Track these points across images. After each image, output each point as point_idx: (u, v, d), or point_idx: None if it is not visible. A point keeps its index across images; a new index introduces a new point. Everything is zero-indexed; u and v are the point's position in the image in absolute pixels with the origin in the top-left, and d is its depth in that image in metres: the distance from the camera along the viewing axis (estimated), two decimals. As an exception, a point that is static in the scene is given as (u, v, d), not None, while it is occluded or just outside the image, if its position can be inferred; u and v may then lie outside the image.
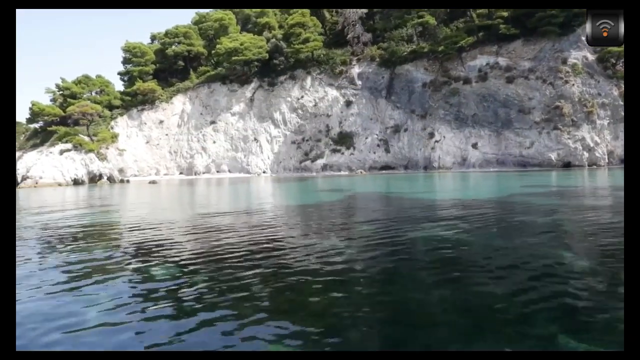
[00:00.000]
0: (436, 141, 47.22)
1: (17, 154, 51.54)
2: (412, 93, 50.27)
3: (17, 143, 54.03)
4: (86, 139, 45.48)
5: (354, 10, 53.55)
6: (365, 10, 53.77)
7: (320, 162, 50.82)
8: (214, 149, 52.91)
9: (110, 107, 52.44)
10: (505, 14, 45.59)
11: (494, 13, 47.20)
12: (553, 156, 41.75)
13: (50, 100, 54.09)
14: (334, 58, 53.25)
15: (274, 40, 53.47)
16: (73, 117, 45.47)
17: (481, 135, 46.26)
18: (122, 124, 51.75)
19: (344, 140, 51.10)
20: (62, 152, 42.48)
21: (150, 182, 38.39)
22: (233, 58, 50.79)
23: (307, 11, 53.70)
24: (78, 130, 46.85)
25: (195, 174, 51.95)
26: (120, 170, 46.93)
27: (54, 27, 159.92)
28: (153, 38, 64.69)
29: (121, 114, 52.19)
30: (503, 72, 45.95)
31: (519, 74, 45.33)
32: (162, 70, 57.60)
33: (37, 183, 39.22)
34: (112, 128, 50.59)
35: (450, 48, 46.54)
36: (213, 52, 53.92)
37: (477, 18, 49.50)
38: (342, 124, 52.31)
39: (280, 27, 57.70)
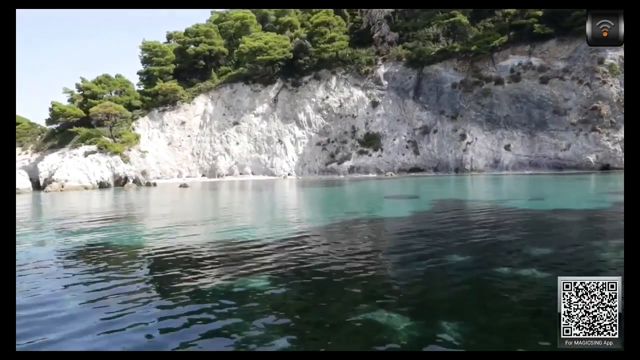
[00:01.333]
0: (468, 143, 46.23)
1: (35, 155, 50.21)
2: (440, 93, 49.25)
3: (34, 144, 52.72)
4: (109, 140, 44.10)
5: (380, 9, 52.43)
6: (391, 10, 52.70)
7: (347, 164, 49.69)
8: (237, 150, 51.66)
9: (130, 108, 51.03)
10: (540, 12, 44.61)
11: (527, 12, 46.22)
12: (592, 158, 40.85)
13: (68, 101, 52.68)
14: (359, 58, 52.11)
15: (298, 39, 52.27)
16: (96, 118, 44.05)
17: (514, 137, 45.36)
18: (144, 125, 50.38)
19: (371, 141, 50.00)
20: (86, 154, 41.07)
21: (181, 186, 37.06)
22: (257, 58, 49.56)
23: (331, 10, 52.56)
24: (100, 132, 45.45)
25: (218, 176, 50.68)
26: (143, 173, 45.54)
27: (57, 26, 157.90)
28: (169, 37, 63.29)
29: (142, 115, 50.81)
30: (537, 73, 45.05)
31: (553, 74, 44.45)
32: (182, 70, 56.29)
33: (62, 187, 37.81)
34: (133, 129, 49.21)
35: (484, 48, 45.60)
36: (236, 51, 52.64)
37: (508, 17, 48.55)
38: (368, 125, 51.23)
39: (303, 25, 56.50)
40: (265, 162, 51.44)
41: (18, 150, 52.38)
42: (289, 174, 50.37)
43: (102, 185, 40.46)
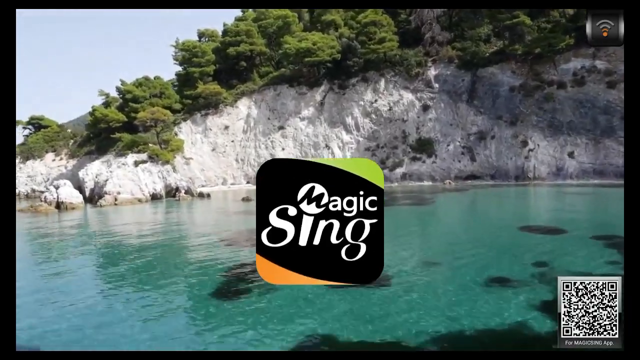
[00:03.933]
0: (530, 150, 44.40)
1: (72, 162, 47.77)
2: (497, 97, 47.29)
3: (67, 150, 50.18)
4: (158, 148, 41.68)
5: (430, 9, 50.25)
6: (441, 9, 50.54)
7: (399, 170, 47.70)
8: (282, 156, 49.36)
9: (171, 111, 48.50)
10: (607, 14, 42.70)
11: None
12: (667, 167, 39.22)
13: (103, 104, 50.14)
14: (408, 59, 49.91)
15: (345, 40, 49.97)
16: (143, 124, 41.55)
17: (577, 144, 43.63)
18: (186, 130, 47.90)
19: (424, 147, 48.00)
20: (137, 163, 38.69)
21: (244, 199, 34.83)
22: (306, 59, 47.20)
23: (379, 9, 50.23)
24: (144, 138, 43.01)
25: (263, 184, 48.40)
26: (191, 182, 43.28)
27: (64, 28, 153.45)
28: (201, 35, 60.72)
29: (184, 119, 48.31)
30: (602, 76, 43.25)
31: (621, 78, 42.51)
32: (220, 71, 53.81)
33: (116, 200, 35.50)
34: (176, 134, 46.78)
35: (547, 50, 43.61)
36: (281, 52, 50.24)
37: (566, 17, 46.63)
38: (419, 129, 49.21)
39: (346, 25, 54.25)
40: (312, 168, 49.25)
41: (51, 155, 49.88)
42: (338, 181, 48.23)
43: (154, 197, 38.18)
